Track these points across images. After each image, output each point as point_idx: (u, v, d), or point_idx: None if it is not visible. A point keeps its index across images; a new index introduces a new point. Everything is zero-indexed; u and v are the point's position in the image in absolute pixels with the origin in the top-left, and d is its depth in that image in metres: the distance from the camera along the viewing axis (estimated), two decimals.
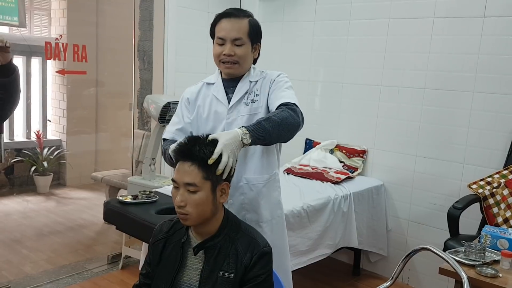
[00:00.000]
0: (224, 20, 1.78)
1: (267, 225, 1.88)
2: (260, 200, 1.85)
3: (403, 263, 1.78)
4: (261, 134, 1.56)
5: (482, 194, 2.73)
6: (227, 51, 1.76)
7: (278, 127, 1.61)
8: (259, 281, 1.47)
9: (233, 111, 1.81)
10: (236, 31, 1.75)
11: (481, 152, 3.05)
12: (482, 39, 3.02)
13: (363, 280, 3.49)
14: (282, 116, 1.64)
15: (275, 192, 1.93)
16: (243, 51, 1.77)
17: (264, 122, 1.58)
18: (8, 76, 1.82)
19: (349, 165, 3.59)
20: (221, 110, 1.83)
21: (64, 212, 4.79)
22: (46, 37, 5.57)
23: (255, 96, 1.82)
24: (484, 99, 3.03)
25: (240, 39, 1.76)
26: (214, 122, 1.83)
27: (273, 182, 1.91)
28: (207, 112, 1.85)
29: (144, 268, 1.64)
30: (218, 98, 1.84)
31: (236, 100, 1.81)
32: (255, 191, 1.84)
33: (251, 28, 1.78)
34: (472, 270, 1.76)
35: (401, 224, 3.46)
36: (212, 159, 1.41)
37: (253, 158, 1.83)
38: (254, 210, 1.85)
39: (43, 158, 5.38)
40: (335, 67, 3.74)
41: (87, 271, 3.38)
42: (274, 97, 1.78)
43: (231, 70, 1.80)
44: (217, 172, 1.42)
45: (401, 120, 3.40)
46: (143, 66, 4.03)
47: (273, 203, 1.92)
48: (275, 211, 1.93)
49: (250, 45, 1.80)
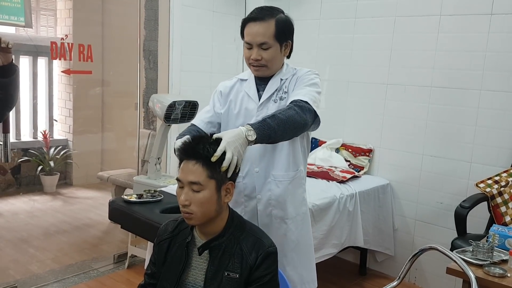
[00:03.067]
0: (250, 24, 1.78)
1: (292, 221, 1.90)
2: (286, 197, 1.87)
3: (410, 262, 1.76)
4: (266, 131, 1.54)
5: (489, 193, 2.71)
6: (254, 56, 1.77)
7: (284, 125, 1.59)
8: (265, 281, 1.46)
9: (263, 109, 1.82)
10: (262, 35, 1.75)
11: (488, 151, 3.02)
12: (489, 36, 2.99)
13: (370, 279, 3.47)
14: (288, 114, 1.63)
15: (300, 189, 1.94)
16: (270, 55, 1.78)
17: (269, 120, 1.57)
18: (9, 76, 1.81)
19: (355, 164, 3.57)
20: (251, 107, 1.85)
21: (70, 212, 4.81)
22: (52, 37, 5.59)
23: (283, 94, 1.83)
24: (491, 97, 3.00)
25: (266, 43, 1.76)
26: (244, 118, 1.84)
27: (298, 179, 1.92)
28: (238, 108, 1.87)
29: (149, 268, 1.63)
30: (249, 95, 1.86)
31: (266, 98, 1.83)
32: (281, 188, 1.86)
33: (277, 29, 1.77)
34: (480, 269, 1.74)
35: (408, 223, 3.44)
36: (216, 156, 1.40)
37: (281, 155, 1.84)
38: (280, 207, 1.87)
39: (49, 158, 5.40)
40: (340, 66, 3.72)
41: (93, 270, 3.39)
42: (292, 94, 1.79)
43: (259, 72, 1.82)
44: (222, 169, 1.41)
45: (408, 118, 3.38)
46: (148, 65, 4.03)
47: (298, 200, 1.93)
48: (299, 208, 1.94)
49: (278, 46, 1.79)
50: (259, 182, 1.86)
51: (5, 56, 1.80)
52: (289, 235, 1.89)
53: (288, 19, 1.84)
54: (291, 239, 1.90)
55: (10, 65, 1.81)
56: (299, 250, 1.93)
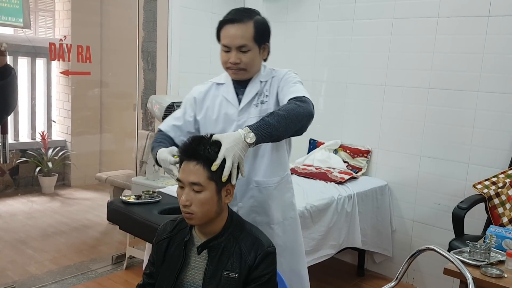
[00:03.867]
0: (227, 26, 1.71)
1: (279, 226, 1.86)
2: (271, 203, 1.83)
3: (407, 263, 1.77)
4: (266, 130, 1.50)
5: (487, 194, 2.72)
6: (233, 59, 1.71)
7: (285, 120, 1.55)
8: (263, 281, 1.47)
9: (244, 113, 1.77)
10: (240, 37, 1.69)
11: (486, 152, 3.04)
12: (487, 38, 3.00)
13: (368, 280, 3.48)
14: (288, 108, 1.59)
15: (287, 194, 1.90)
16: (249, 57, 1.72)
17: (268, 118, 1.53)
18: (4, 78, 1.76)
19: (353, 165, 3.58)
20: (231, 112, 1.79)
21: (68, 213, 4.81)
22: (50, 38, 5.60)
23: (264, 97, 1.78)
24: (489, 98, 3.01)
25: (245, 46, 1.70)
26: (224, 124, 1.79)
27: (285, 184, 1.89)
28: (217, 114, 1.81)
29: (148, 267, 1.64)
30: (228, 100, 1.80)
31: (246, 102, 1.78)
32: (265, 193, 1.81)
33: (256, 31, 1.71)
34: (477, 270, 1.75)
35: (406, 224, 3.45)
36: (216, 165, 1.40)
37: (263, 160, 1.79)
38: (265, 212, 1.83)
39: (47, 159, 5.40)
40: (339, 67, 3.74)
41: (91, 271, 3.39)
42: (283, 94, 1.73)
43: (238, 76, 1.77)
44: (223, 179, 1.41)
45: (406, 120, 3.39)
46: (147, 66, 4.04)
47: (286, 205, 1.89)
48: (287, 212, 1.90)
49: (257, 49, 1.74)
50: (240, 189, 1.78)
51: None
52: (276, 239, 1.79)
53: (266, 21, 1.78)
54: (278, 243, 1.77)
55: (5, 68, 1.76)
56: (287, 255, 1.88)
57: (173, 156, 1.58)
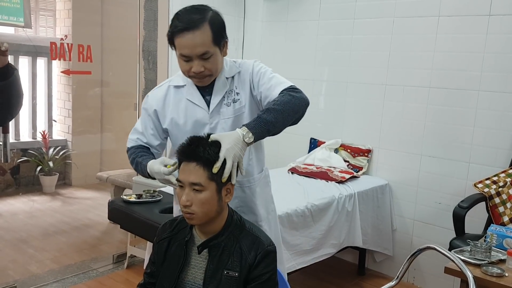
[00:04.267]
0: (183, 34, 1.54)
1: (265, 223, 1.87)
2: (256, 200, 1.82)
3: (408, 262, 1.78)
4: (264, 127, 1.49)
5: (488, 193, 2.72)
6: (196, 69, 1.58)
7: (282, 114, 1.52)
8: (264, 279, 1.47)
9: (215, 115, 1.69)
10: (200, 45, 1.54)
11: (486, 151, 3.04)
12: (487, 37, 3.00)
13: (368, 279, 3.48)
14: (283, 101, 1.55)
15: (267, 188, 1.91)
16: (213, 63, 1.60)
17: (265, 115, 1.51)
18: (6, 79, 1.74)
19: (354, 164, 3.58)
20: (200, 116, 1.69)
21: (69, 212, 4.81)
22: (51, 37, 5.60)
23: (235, 95, 1.70)
24: (490, 97, 3.01)
25: (207, 52, 1.56)
26: (194, 129, 1.69)
27: (265, 179, 1.89)
28: (184, 119, 1.70)
29: (149, 267, 1.64)
30: (195, 103, 1.69)
31: (216, 103, 1.68)
32: (249, 192, 1.81)
33: (214, 32, 1.57)
34: (478, 269, 1.75)
35: (406, 223, 3.45)
36: (217, 168, 1.40)
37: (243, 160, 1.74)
38: (251, 211, 1.83)
39: (48, 158, 5.41)
40: (339, 67, 3.73)
41: (92, 270, 3.39)
42: (266, 89, 1.65)
43: (204, 82, 1.65)
44: (223, 179, 1.42)
45: (406, 119, 3.39)
46: (148, 66, 4.04)
47: (267, 199, 1.91)
48: (269, 206, 1.92)
49: (218, 51, 1.61)
50: None
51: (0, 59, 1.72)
52: None
53: (219, 16, 1.62)
54: None
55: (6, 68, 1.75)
56: None
57: (165, 167, 1.54)
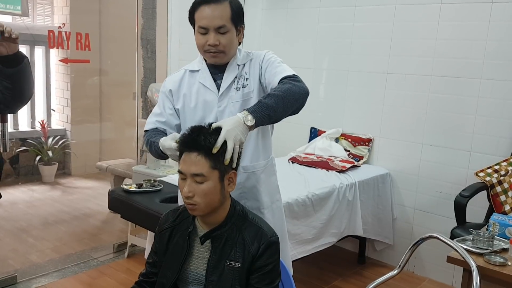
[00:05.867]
0: (203, 7, 1.64)
1: (268, 211, 1.86)
2: (259, 187, 1.82)
3: (410, 251, 1.78)
4: (264, 112, 1.49)
5: (489, 182, 2.71)
6: (211, 41, 1.64)
7: (283, 100, 1.53)
8: (266, 270, 1.47)
9: (224, 99, 1.73)
10: (219, 18, 1.63)
11: (488, 140, 3.02)
12: (490, 25, 2.97)
13: (369, 268, 3.49)
14: (284, 88, 1.57)
15: (273, 177, 1.91)
16: (228, 39, 1.66)
17: (265, 99, 1.52)
18: (16, 66, 1.76)
19: (354, 153, 3.57)
20: (210, 99, 1.74)
21: (69, 201, 4.81)
22: (49, 26, 5.54)
23: (245, 81, 1.74)
24: (492, 86, 2.99)
25: (224, 27, 1.64)
26: (203, 112, 1.74)
27: (271, 167, 1.89)
28: (195, 102, 1.75)
29: (151, 257, 1.63)
30: (206, 86, 1.74)
31: (226, 87, 1.73)
32: (253, 178, 1.80)
33: (233, 11, 1.66)
34: (481, 258, 1.75)
35: (407, 212, 3.45)
36: (216, 148, 1.38)
37: (249, 144, 1.77)
38: (254, 198, 1.82)
39: (48, 148, 5.39)
40: (340, 55, 3.70)
41: (93, 259, 3.39)
42: (270, 75, 1.70)
43: (217, 59, 1.71)
44: (225, 162, 1.40)
45: (408, 107, 3.37)
46: (146, 54, 4.00)
47: (272, 188, 1.90)
48: (274, 195, 1.91)
49: (234, 30, 1.68)
50: None
51: (10, 46, 1.75)
52: None
53: (240, 3, 1.72)
54: None
55: (16, 55, 1.76)
56: None
57: (176, 142, 1.53)
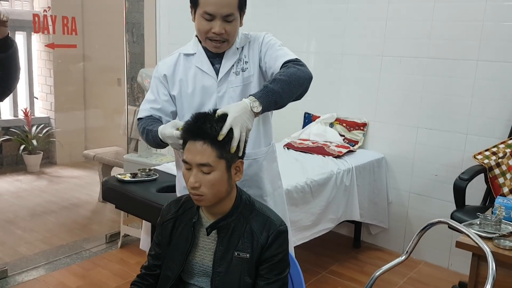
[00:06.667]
0: None
1: (270, 198, 1.82)
2: (262, 174, 1.77)
3: (418, 237, 1.76)
4: (271, 98, 1.45)
5: (487, 164, 2.70)
6: (217, 30, 1.56)
7: (288, 85, 1.49)
8: (276, 260, 1.42)
9: (223, 84, 1.66)
10: (227, 6, 1.54)
11: (484, 122, 3.01)
12: (487, 5, 2.94)
13: (364, 252, 3.48)
14: (289, 72, 1.52)
15: (274, 163, 1.86)
16: (234, 27, 1.60)
17: (272, 85, 1.47)
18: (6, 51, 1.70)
19: (349, 138, 3.53)
20: (209, 84, 1.66)
21: (56, 191, 4.70)
22: (30, 10, 5.33)
23: (244, 64, 1.68)
24: (488, 67, 2.97)
25: (232, 15, 1.56)
26: (202, 98, 1.68)
27: (272, 153, 1.84)
28: (192, 87, 1.68)
29: (153, 249, 1.57)
30: (204, 70, 1.67)
31: (225, 71, 1.66)
32: (255, 165, 1.75)
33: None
34: (490, 243, 1.73)
35: (402, 196, 3.44)
36: (222, 135, 1.32)
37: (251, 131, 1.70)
38: (257, 185, 1.77)
39: (32, 137, 5.24)
40: (334, 37, 3.63)
41: (85, 250, 3.32)
42: (271, 59, 1.64)
43: (219, 49, 1.64)
44: (231, 149, 1.34)
45: (403, 91, 3.33)
46: (132, 39, 3.87)
47: (274, 175, 1.85)
48: (275, 182, 1.86)
49: (239, 17, 1.61)
50: None
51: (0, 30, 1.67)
52: None
53: None
54: None
55: (5, 40, 1.69)
56: None
57: (178, 130, 1.45)
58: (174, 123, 1.51)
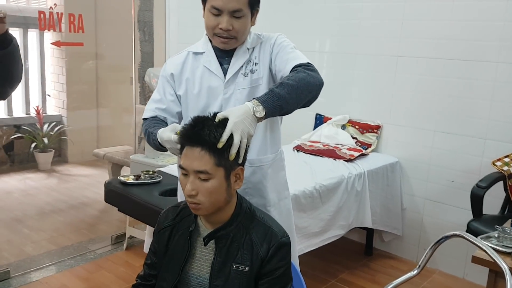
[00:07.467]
0: None
1: (275, 208, 1.72)
2: (266, 183, 1.67)
3: (431, 250, 1.65)
4: (276, 103, 1.35)
5: (507, 172, 2.57)
6: (224, 25, 1.50)
7: (296, 91, 1.40)
8: (277, 275, 1.33)
9: (231, 85, 1.59)
10: (235, 0, 1.49)
11: (504, 127, 2.87)
12: (508, 4, 2.80)
13: (376, 260, 3.36)
14: (298, 77, 1.43)
15: (281, 172, 1.76)
16: (242, 24, 1.53)
17: (278, 89, 1.38)
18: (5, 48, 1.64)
19: (362, 141, 3.42)
20: (216, 85, 1.60)
21: (66, 190, 4.67)
22: (43, 8, 5.33)
23: (253, 66, 1.60)
24: (509, 69, 2.83)
25: (240, 11, 1.50)
26: (207, 99, 1.61)
27: (279, 161, 1.74)
28: (199, 87, 1.61)
29: (149, 257, 1.50)
30: (212, 71, 1.60)
31: (233, 72, 1.59)
32: (259, 173, 1.66)
33: None
34: (508, 258, 1.61)
35: (417, 202, 3.31)
36: (222, 142, 1.24)
37: (257, 136, 1.62)
38: (260, 194, 1.67)
39: (43, 134, 5.23)
40: (347, 37, 3.52)
41: (90, 252, 3.27)
42: (281, 61, 1.56)
43: (227, 45, 1.56)
44: (230, 157, 1.25)
45: (419, 92, 3.21)
46: (143, 37, 3.82)
47: (280, 184, 1.75)
48: (282, 192, 1.76)
49: (249, 15, 1.55)
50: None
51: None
52: None
53: None
54: None
55: (4, 36, 1.64)
56: None
57: (176, 134, 1.39)
58: (173, 127, 1.45)
